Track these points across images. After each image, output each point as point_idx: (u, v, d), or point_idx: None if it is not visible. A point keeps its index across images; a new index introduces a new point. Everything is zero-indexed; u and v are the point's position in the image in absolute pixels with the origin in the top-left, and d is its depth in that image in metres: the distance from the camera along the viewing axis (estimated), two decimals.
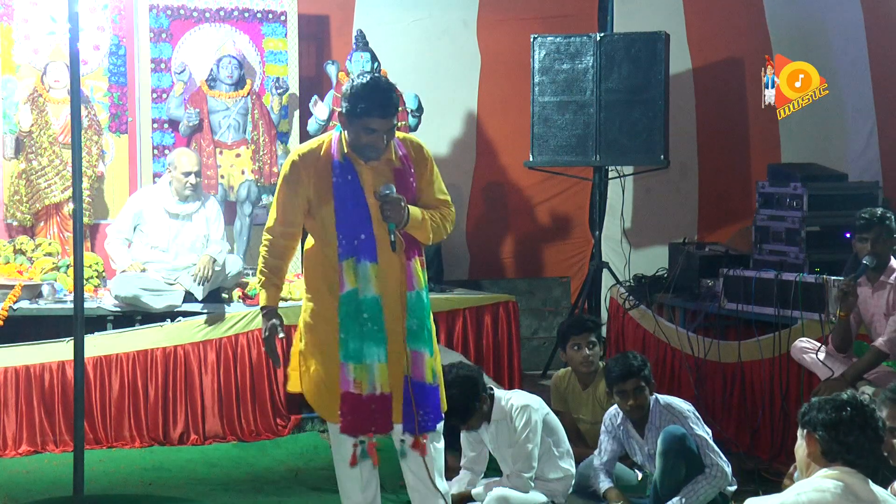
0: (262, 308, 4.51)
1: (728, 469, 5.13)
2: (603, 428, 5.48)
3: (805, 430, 3.36)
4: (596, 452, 5.51)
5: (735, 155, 8.79)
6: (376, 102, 4.23)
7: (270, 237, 4.48)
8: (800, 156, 8.26)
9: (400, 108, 7.85)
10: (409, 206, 4.28)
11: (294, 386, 4.49)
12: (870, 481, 3.28)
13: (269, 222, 4.48)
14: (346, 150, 4.31)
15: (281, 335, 4.40)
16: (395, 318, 4.30)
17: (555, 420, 5.51)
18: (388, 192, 4.23)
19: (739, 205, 8.73)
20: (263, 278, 4.49)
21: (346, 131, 4.32)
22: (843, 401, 3.32)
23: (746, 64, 8.64)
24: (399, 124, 7.63)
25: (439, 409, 4.36)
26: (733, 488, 5.23)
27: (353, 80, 4.31)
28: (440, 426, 4.38)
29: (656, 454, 5.13)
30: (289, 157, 4.45)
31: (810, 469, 3.32)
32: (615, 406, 5.43)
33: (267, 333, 4.42)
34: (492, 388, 5.43)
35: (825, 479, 3.25)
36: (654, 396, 5.30)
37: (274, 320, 4.42)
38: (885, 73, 7.99)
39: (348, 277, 4.27)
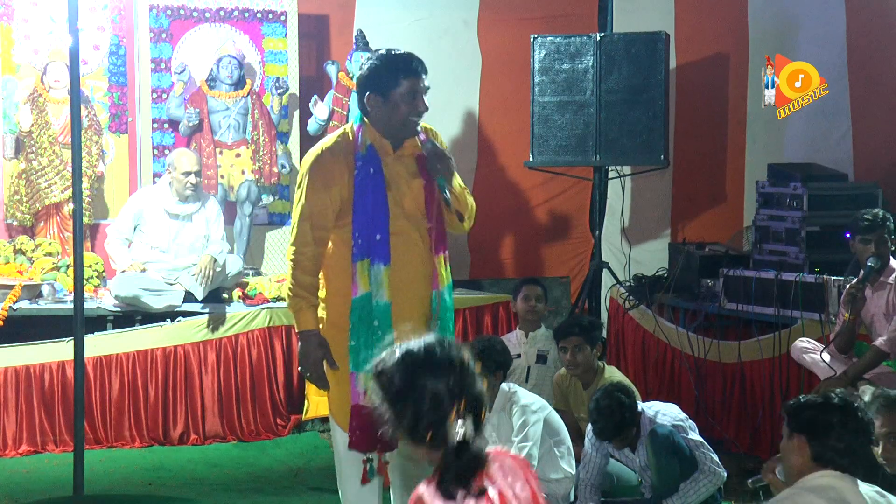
0: (300, 333, 4.04)
1: (722, 471, 5.11)
2: (588, 440, 5.35)
3: (794, 434, 3.28)
4: (581, 466, 5.38)
5: (713, 153, 8.78)
6: (408, 61, 3.98)
7: (300, 248, 4.02)
8: (770, 155, 8.25)
9: None
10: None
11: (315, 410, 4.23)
12: (859, 482, 3.24)
13: (296, 232, 4.03)
14: (369, 142, 4.02)
15: (335, 367, 4.02)
16: (415, 322, 3.95)
17: (557, 420, 5.50)
18: (431, 144, 3.91)
19: (718, 202, 8.73)
20: (298, 299, 4.02)
21: (378, 114, 4.01)
22: (833, 404, 3.24)
23: (730, 62, 8.63)
24: None
25: None
26: (724, 474, 5.20)
27: (367, 62, 4.02)
28: None
29: (647, 454, 5.12)
30: (312, 154, 4.09)
31: (800, 473, 3.27)
32: None
33: (309, 360, 4.02)
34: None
35: (812, 487, 3.19)
36: (641, 409, 5.25)
37: (320, 349, 4.01)
38: (862, 76, 7.94)
39: (362, 280, 3.96)
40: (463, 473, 2.59)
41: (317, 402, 6.15)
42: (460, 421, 2.58)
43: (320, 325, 4.07)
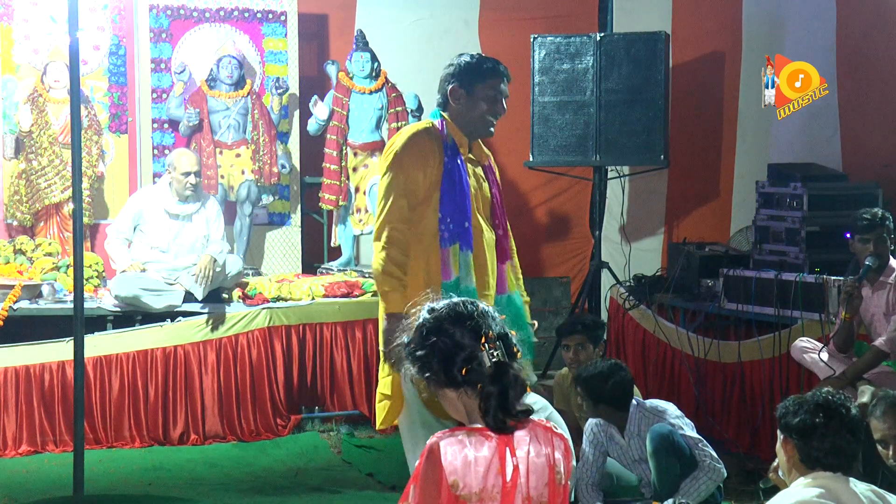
0: (389, 315, 3.93)
1: (721, 467, 5.11)
2: (585, 438, 5.35)
3: (782, 437, 3.27)
4: (580, 465, 5.36)
5: (711, 152, 8.78)
6: (497, 64, 4.14)
7: (395, 225, 3.97)
8: (759, 155, 8.26)
9: (400, 109, 7.86)
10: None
11: (391, 418, 4.04)
12: (851, 480, 3.22)
13: (390, 209, 3.98)
14: (451, 135, 4.10)
15: None
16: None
17: (558, 420, 5.48)
18: None
19: (715, 202, 8.74)
20: (390, 278, 3.94)
21: (458, 107, 4.11)
22: (817, 405, 3.21)
23: (725, 62, 8.63)
24: (399, 124, 7.67)
25: None
26: (724, 471, 5.19)
27: (457, 58, 4.15)
28: None
29: (648, 455, 5.12)
30: (406, 133, 4.09)
31: (793, 475, 3.26)
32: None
33: (394, 343, 3.92)
34: None
35: (805, 489, 3.17)
36: (635, 401, 5.24)
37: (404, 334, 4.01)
38: (851, 76, 7.94)
39: (454, 264, 3.98)
40: (505, 396, 2.64)
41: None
42: (490, 348, 2.66)
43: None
